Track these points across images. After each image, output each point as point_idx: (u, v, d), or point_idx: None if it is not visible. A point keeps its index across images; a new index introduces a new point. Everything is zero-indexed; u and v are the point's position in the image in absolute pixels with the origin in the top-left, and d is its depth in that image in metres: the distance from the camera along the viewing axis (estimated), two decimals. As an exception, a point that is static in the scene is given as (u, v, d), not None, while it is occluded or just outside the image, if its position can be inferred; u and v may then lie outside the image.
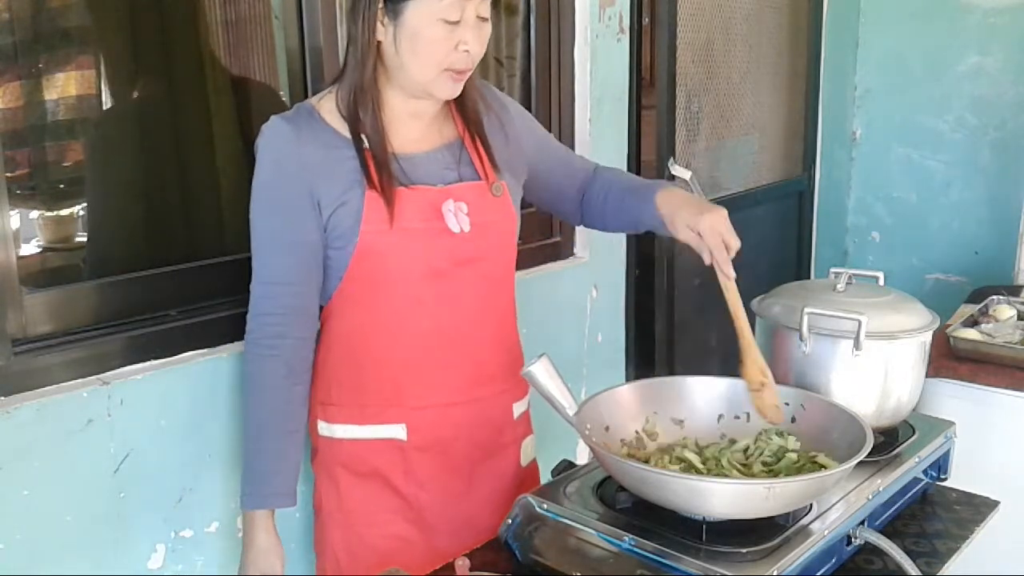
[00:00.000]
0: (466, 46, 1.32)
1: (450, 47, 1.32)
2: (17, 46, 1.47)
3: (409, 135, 1.43)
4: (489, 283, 1.47)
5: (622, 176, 1.66)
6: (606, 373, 2.48)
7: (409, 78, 1.36)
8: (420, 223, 1.38)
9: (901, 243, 3.81)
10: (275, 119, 1.39)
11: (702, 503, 1.12)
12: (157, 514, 1.49)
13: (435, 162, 1.43)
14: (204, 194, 1.75)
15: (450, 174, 1.43)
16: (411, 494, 1.46)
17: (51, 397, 1.35)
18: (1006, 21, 3.44)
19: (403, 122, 1.42)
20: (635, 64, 2.53)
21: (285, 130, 1.37)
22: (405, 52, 1.33)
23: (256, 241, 1.39)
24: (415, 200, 1.38)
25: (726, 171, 3.14)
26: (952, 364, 2.18)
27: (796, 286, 1.55)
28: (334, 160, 1.37)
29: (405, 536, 1.47)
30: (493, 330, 1.49)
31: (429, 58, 1.33)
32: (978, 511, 1.43)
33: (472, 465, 1.50)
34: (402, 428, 1.44)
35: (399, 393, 1.43)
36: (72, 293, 1.45)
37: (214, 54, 1.73)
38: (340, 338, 1.45)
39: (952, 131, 3.62)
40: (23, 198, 1.54)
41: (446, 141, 1.46)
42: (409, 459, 1.45)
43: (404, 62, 1.34)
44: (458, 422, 1.47)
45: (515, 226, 1.49)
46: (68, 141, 1.57)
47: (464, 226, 1.40)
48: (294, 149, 1.36)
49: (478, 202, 1.43)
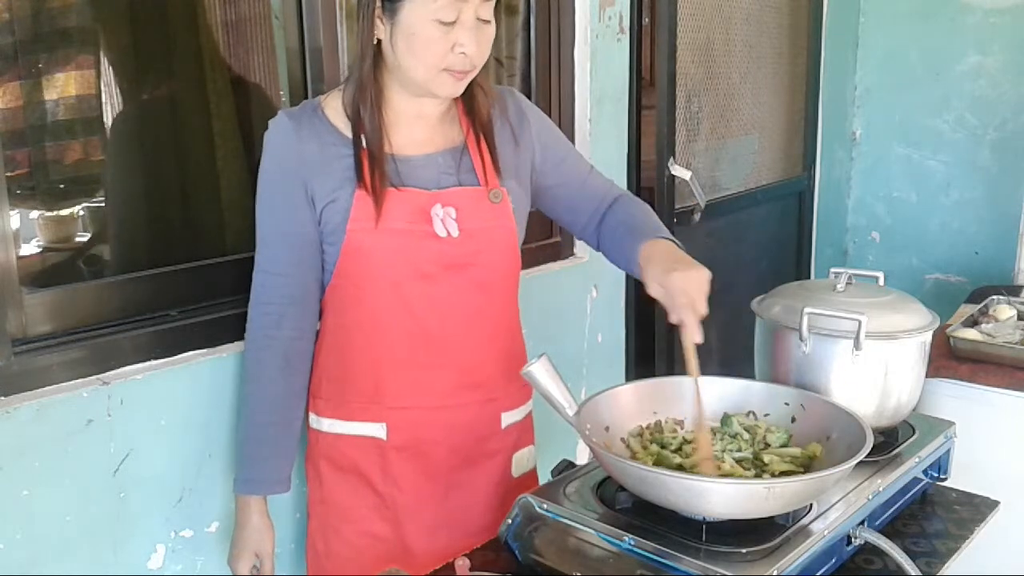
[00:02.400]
0: (462, 48, 1.32)
1: (446, 48, 1.32)
2: (17, 46, 1.47)
3: (412, 136, 1.43)
4: (482, 290, 1.45)
5: (638, 214, 1.56)
6: (606, 373, 2.48)
7: (407, 77, 1.37)
8: (406, 224, 1.38)
9: (901, 243, 3.81)
10: (280, 114, 1.41)
11: (702, 503, 1.12)
12: (157, 514, 1.49)
13: (434, 166, 1.43)
14: (204, 194, 1.75)
15: (448, 178, 1.43)
16: (388, 493, 1.47)
17: (51, 397, 1.35)
18: (1006, 21, 3.44)
19: (407, 123, 1.42)
20: (635, 64, 2.53)
21: (287, 126, 1.39)
22: (401, 51, 1.34)
23: (259, 232, 1.44)
24: (404, 201, 1.38)
25: (726, 171, 3.14)
26: (952, 364, 2.18)
27: (796, 286, 1.55)
28: (331, 157, 1.39)
29: (379, 534, 1.48)
30: (485, 338, 1.48)
31: (425, 59, 1.33)
32: (978, 511, 1.43)
33: (450, 471, 1.49)
34: (382, 427, 1.45)
35: (380, 392, 1.44)
36: (72, 293, 1.45)
37: (215, 54, 1.73)
38: (329, 333, 1.47)
39: (952, 131, 3.62)
40: (23, 198, 1.54)
41: (450, 145, 1.46)
42: (388, 459, 1.46)
43: (401, 62, 1.35)
44: (438, 426, 1.47)
45: (514, 234, 1.47)
46: (68, 141, 1.57)
47: (452, 231, 1.39)
48: (294, 144, 1.38)
49: (471, 208, 1.42)
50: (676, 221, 2.73)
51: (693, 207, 2.79)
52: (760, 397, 1.37)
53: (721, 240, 3.05)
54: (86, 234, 1.70)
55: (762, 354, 1.49)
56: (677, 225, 2.74)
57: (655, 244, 1.44)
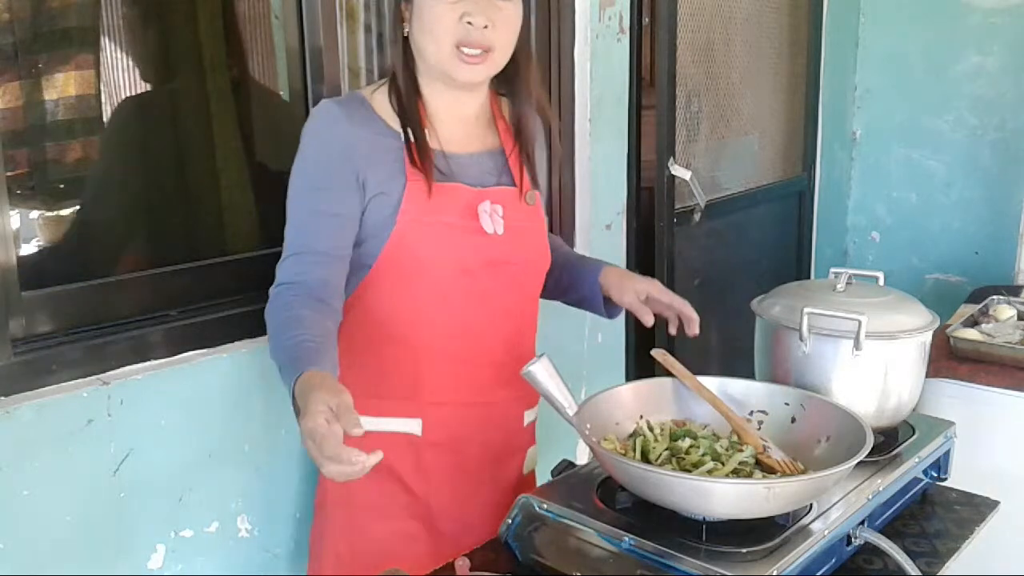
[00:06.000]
0: (469, 17, 1.33)
1: (454, 20, 1.34)
2: (17, 46, 1.46)
3: (453, 135, 1.45)
4: (516, 288, 1.48)
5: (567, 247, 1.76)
6: (606, 373, 2.48)
7: (428, 63, 1.39)
8: (456, 219, 1.39)
9: (901, 243, 3.82)
10: (327, 102, 1.41)
11: (702, 503, 1.12)
12: (157, 514, 1.49)
13: (478, 164, 1.46)
14: (204, 194, 1.75)
15: (490, 178, 1.46)
16: (421, 491, 1.46)
17: (51, 397, 1.35)
18: (1006, 21, 3.44)
19: (446, 123, 1.44)
20: (635, 64, 2.53)
21: (336, 112, 1.39)
22: (418, 33, 1.37)
23: (295, 216, 1.37)
24: (454, 196, 1.40)
25: (726, 171, 3.14)
26: (952, 364, 2.18)
27: (796, 286, 1.55)
28: (382, 148, 1.39)
29: (411, 533, 1.47)
30: (513, 335, 1.50)
31: (436, 34, 1.35)
32: (978, 511, 1.43)
33: (481, 467, 1.50)
34: (418, 423, 1.44)
35: (418, 387, 1.43)
36: (72, 293, 1.45)
37: (215, 54, 1.73)
38: (363, 327, 1.43)
39: (952, 131, 3.62)
40: (23, 198, 1.54)
41: (488, 148, 1.48)
42: (422, 455, 1.46)
43: (420, 46, 1.38)
44: (473, 422, 1.47)
45: (546, 234, 1.53)
46: (68, 141, 1.57)
47: (498, 228, 1.41)
48: (345, 129, 1.38)
49: (513, 207, 1.45)
50: (676, 221, 2.73)
51: (693, 207, 2.79)
52: (760, 397, 1.37)
53: (721, 240, 3.05)
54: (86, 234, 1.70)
55: (762, 354, 1.49)
56: (677, 225, 2.73)
57: (610, 267, 1.63)
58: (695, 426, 1.34)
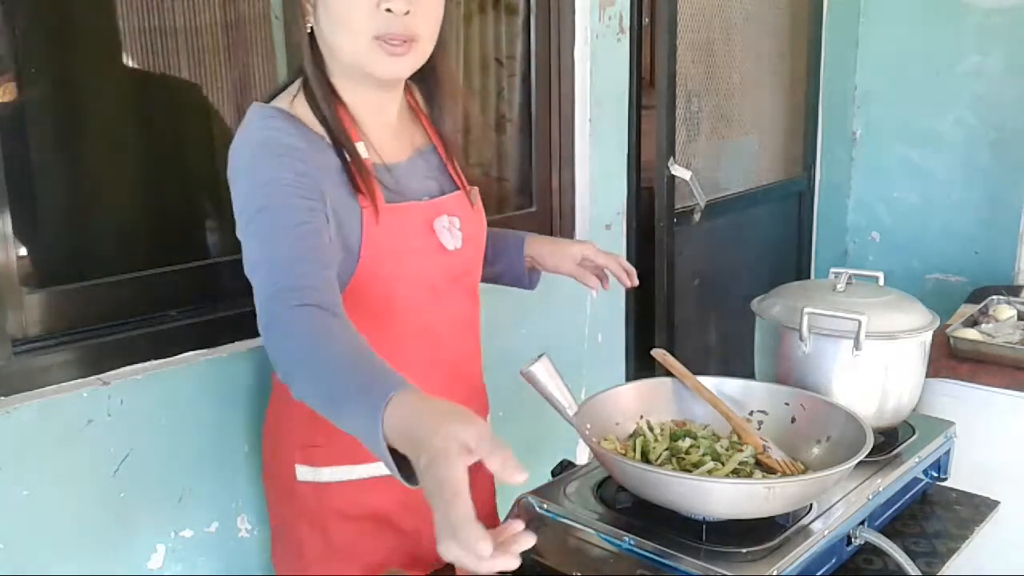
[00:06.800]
0: (388, 4, 1.16)
1: (370, 7, 1.16)
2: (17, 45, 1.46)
3: (384, 142, 1.30)
4: (473, 298, 1.40)
5: None
6: (606, 373, 2.48)
7: (342, 61, 1.22)
8: (418, 242, 1.27)
9: (901, 243, 3.82)
10: (266, 107, 1.23)
11: (702, 503, 1.12)
12: (157, 514, 1.49)
13: (416, 170, 1.33)
14: (204, 193, 1.75)
15: (432, 184, 1.34)
16: (411, 527, 1.37)
17: (51, 397, 1.35)
18: (1006, 21, 3.44)
19: (375, 128, 1.29)
20: (635, 64, 2.53)
21: (275, 113, 1.21)
22: (327, 28, 1.20)
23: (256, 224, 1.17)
24: (410, 217, 1.27)
25: (726, 171, 3.14)
26: (952, 364, 2.18)
27: (796, 286, 1.55)
28: (326, 162, 1.21)
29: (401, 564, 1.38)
30: (476, 346, 1.43)
31: (351, 26, 1.18)
32: (978, 511, 1.43)
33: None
34: None
35: None
36: (72, 293, 1.45)
37: (216, 53, 1.73)
38: None
39: (952, 131, 3.62)
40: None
41: (419, 147, 1.36)
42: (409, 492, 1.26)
43: (331, 42, 1.21)
44: None
45: (485, 233, 1.43)
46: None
47: (457, 243, 1.31)
48: (294, 132, 1.20)
49: (466, 215, 1.35)
50: (676, 221, 2.73)
51: (693, 207, 2.79)
52: (760, 397, 1.37)
53: (721, 240, 3.05)
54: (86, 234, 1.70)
55: (762, 354, 1.49)
56: (677, 225, 2.74)
57: (534, 237, 1.57)
58: (695, 426, 1.34)
